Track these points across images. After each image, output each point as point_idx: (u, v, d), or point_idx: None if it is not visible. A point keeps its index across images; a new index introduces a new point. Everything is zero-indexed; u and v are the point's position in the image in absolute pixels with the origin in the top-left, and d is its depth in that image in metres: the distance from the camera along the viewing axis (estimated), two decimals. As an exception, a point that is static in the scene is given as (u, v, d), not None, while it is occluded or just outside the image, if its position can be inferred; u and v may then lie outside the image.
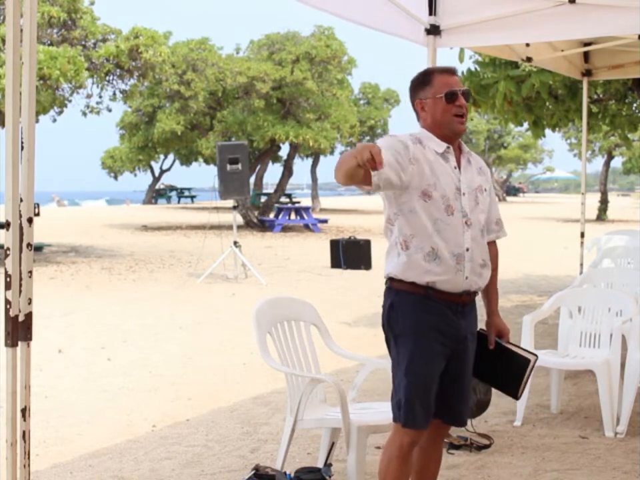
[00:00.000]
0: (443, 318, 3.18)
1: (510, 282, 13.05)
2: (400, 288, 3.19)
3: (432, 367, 3.16)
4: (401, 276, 3.17)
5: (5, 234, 2.60)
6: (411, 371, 3.13)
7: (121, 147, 34.45)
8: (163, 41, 17.34)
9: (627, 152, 32.90)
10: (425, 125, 3.28)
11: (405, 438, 3.19)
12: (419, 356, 3.14)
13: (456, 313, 3.22)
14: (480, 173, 3.36)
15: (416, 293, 3.16)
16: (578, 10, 5.35)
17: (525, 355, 3.39)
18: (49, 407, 5.71)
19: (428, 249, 3.13)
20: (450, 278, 3.16)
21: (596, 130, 11.14)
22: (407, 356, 3.14)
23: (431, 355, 3.15)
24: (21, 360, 2.60)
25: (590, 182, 42.03)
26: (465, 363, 3.28)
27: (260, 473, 4.12)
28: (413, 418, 3.15)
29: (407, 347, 3.15)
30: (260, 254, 17.37)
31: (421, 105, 3.27)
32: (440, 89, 3.22)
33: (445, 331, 3.18)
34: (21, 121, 2.57)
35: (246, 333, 8.17)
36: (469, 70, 8.59)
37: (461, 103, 3.21)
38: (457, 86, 3.24)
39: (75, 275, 13.80)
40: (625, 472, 4.41)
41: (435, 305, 3.17)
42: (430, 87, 3.24)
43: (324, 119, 24.52)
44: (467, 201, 3.22)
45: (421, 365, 3.14)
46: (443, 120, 3.21)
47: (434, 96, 3.22)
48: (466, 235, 3.19)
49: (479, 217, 3.26)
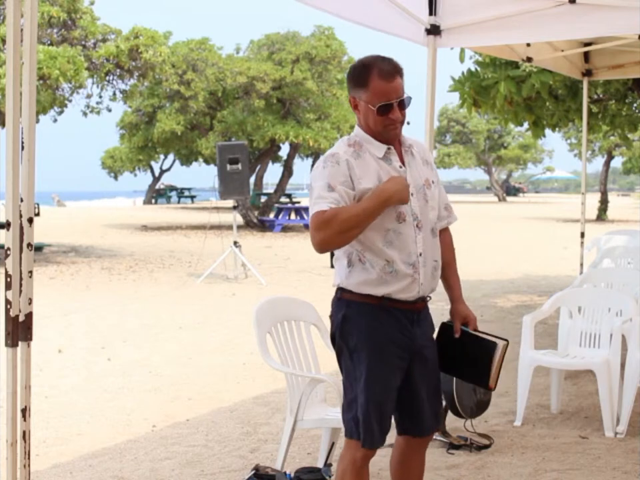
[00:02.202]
0: (398, 328, 3.05)
1: (510, 282, 13.06)
2: (352, 299, 3.05)
3: (389, 383, 3.05)
4: (354, 289, 3.04)
5: (5, 234, 2.60)
6: (368, 389, 3.00)
7: (121, 147, 34.44)
8: (163, 41, 17.35)
9: (626, 152, 32.89)
10: (359, 124, 3.10)
11: (358, 453, 3.08)
12: (376, 373, 3.01)
13: (412, 322, 3.09)
14: (425, 163, 3.19)
15: (370, 304, 3.02)
16: (578, 10, 5.35)
17: (493, 339, 3.20)
18: (49, 407, 5.71)
19: (382, 263, 2.99)
20: (406, 287, 3.02)
21: (596, 130, 11.14)
22: (364, 373, 3.01)
23: (388, 371, 3.04)
24: (21, 360, 2.60)
25: (590, 182, 42.05)
26: (424, 372, 3.15)
27: (260, 473, 4.12)
28: (370, 437, 3.04)
29: (362, 362, 3.02)
30: (260, 254, 17.37)
31: (355, 103, 3.07)
32: (373, 98, 2.98)
33: (400, 342, 3.05)
34: (21, 121, 2.57)
35: (246, 333, 8.17)
36: (469, 70, 8.59)
37: (395, 115, 2.99)
38: (395, 94, 2.98)
39: (75, 275, 13.80)
40: (625, 472, 4.41)
41: (389, 315, 3.04)
42: (364, 90, 3.00)
43: (324, 119, 24.51)
44: (415, 201, 3.06)
45: (378, 382, 3.01)
46: (375, 129, 3.03)
47: (367, 102, 3.00)
48: (418, 239, 3.05)
49: (429, 215, 3.11)
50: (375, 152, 3.05)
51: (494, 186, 57.21)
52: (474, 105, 8.70)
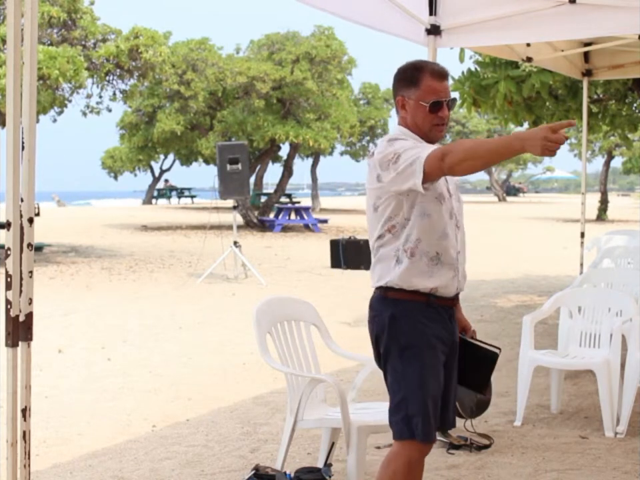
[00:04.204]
0: (442, 325, 3.11)
1: (510, 282, 13.06)
2: (399, 297, 3.06)
3: (440, 379, 3.10)
4: (403, 285, 3.04)
5: (5, 234, 2.59)
6: (424, 385, 3.03)
7: (121, 147, 34.48)
8: (163, 41, 17.34)
9: (627, 152, 32.89)
10: (403, 123, 3.14)
11: (415, 453, 3.07)
12: (430, 369, 3.05)
13: (450, 318, 3.16)
14: None
15: (418, 301, 3.06)
16: (578, 10, 5.36)
17: (491, 349, 3.29)
18: (49, 407, 5.71)
19: (433, 254, 3.04)
20: (449, 282, 3.09)
21: (596, 130, 11.14)
22: (418, 370, 3.03)
23: (439, 367, 3.09)
24: (22, 360, 2.60)
25: (590, 182, 42.03)
26: (454, 368, 3.22)
27: (260, 473, 4.13)
28: (429, 432, 3.04)
29: (416, 360, 3.04)
30: (260, 254, 17.37)
31: (402, 103, 3.11)
32: (425, 96, 3.05)
33: (444, 338, 3.11)
34: (22, 121, 2.57)
35: (246, 333, 8.17)
36: (469, 70, 8.59)
37: (444, 113, 3.07)
38: (445, 94, 3.07)
39: (74, 275, 13.80)
40: (625, 472, 4.41)
41: (435, 312, 3.09)
42: (416, 88, 3.06)
43: (324, 119, 24.52)
44: (454, 202, 3.15)
45: (432, 378, 3.05)
46: (423, 127, 3.08)
47: (417, 100, 3.06)
48: (458, 237, 3.14)
49: (462, 217, 3.21)
50: None
51: (494, 186, 57.20)
52: (474, 105, 8.70)
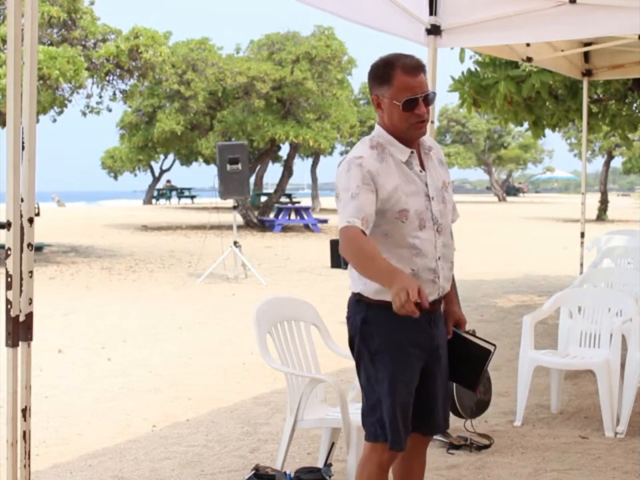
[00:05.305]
0: (419, 330, 3.03)
1: (510, 282, 13.06)
2: (372, 302, 3.00)
3: (412, 385, 3.05)
4: (374, 297, 2.98)
5: (5, 234, 2.60)
6: (393, 391, 2.99)
7: (121, 147, 34.48)
8: (163, 41, 17.35)
9: (627, 152, 32.90)
10: (382, 123, 3.02)
11: (385, 455, 3.06)
12: (399, 375, 2.99)
13: (429, 322, 3.08)
14: (440, 164, 3.13)
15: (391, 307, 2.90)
16: (578, 10, 5.36)
17: (484, 345, 3.23)
18: (49, 407, 5.71)
19: (408, 271, 2.93)
20: (429, 291, 2.95)
21: (596, 130, 11.14)
22: (387, 375, 2.99)
23: (410, 372, 3.03)
24: (22, 360, 2.60)
25: (590, 182, 42.01)
26: (438, 373, 3.15)
27: (260, 473, 4.12)
28: (398, 439, 3.03)
29: (385, 365, 2.99)
30: (260, 254, 17.37)
31: (377, 101, 2.98)
32: (398, 94, 2.90)
33: (420, 343, 3.05)
34: (22, 121, 2.57)
35: (246, 333, 8.17)
36: (469, 70, 8.59)
37: (420, 110, 2.92)
38: (420, 89, 2.91)
39: (74, 275, 13.80)
40: (625, 472, 4.41)
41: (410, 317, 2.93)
42: (388, 86, 2.92)
43: (324, 119, 24.52)
44: (436, 205, 3.03)
45: (402, 384, 3.00)
46: (400, 126, 2.95)
47: (391, 99, 2.92)
48: (437, 243, 3.03)
49: (447, 218, 3.09)
50: (399, 156, 2.99)
51: (494, 186, 57.23)
52: (474, 105, 8.70)
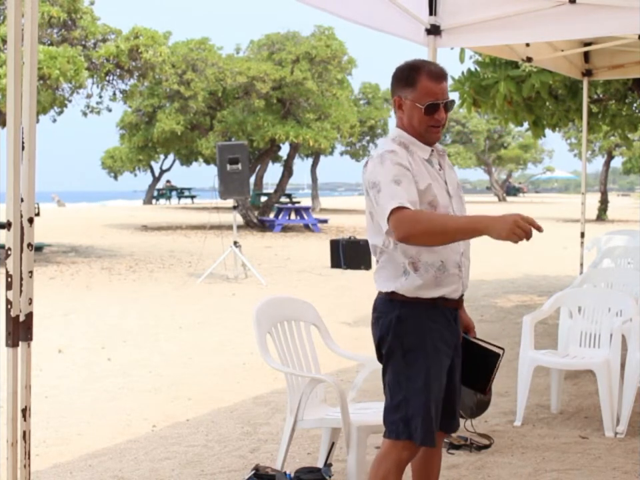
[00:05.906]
0: (446, 326, 3.09)
1: (510, 282, 13.06)
2: (407, 299, 3.04)
3: (443, 383, 3.09)
4: (410, 294, 3.03)
5: (5, 234, 2.60)
6: (427, 388, 3.01)
7: (121, 147, 34.48)
8: (163, 41, 17.35)
9: (627, 152, 32.90)
10: (401, 124, 3.11)
11: (405, 453, 3.07)
12: (434, 371, 3.03)
13: (455, 319, 3.15)
14: (451, 167, 3.22)
15: (425, 303, 3.03)
16: (578, 10, 5.36)
17: (493, 349, 3.28)
18: (49, 407, 5.71)
19: (438, 264, 3.01)
20: (455, 287, 3.08)
21: (596, 130, 11.14)
22: (422, 372, 3.01)
23: (442, 370, 3.07)
24: (22, 360, 2.60)
25: (590, 182, 42.03)
26: (458, 370, 3.21)
27: (260, 473, 4.12)
28: (431, 436, 3.04)
29: (419, 362, 3.02)
30: (260, 254, 17.37)
31: (399, 103, 3.08)
32: (422, 98, 3.01)
33: (448, 341, 3.10)
34: (22, 121, 2.57)
35: (246, 333, 8.17)
36: (469, 70, 8.59)
37: (440, 116, 3.03)
38: (442, 95, 3.03)
39: (75, 275, 13.80)
40: (625, 472, 4.41)
41: (441, 314, 3.07)
42: (412, 89, 3.03)
43: (324, 119, 24.52)
44: (455, 203, 3.12)
45: (435, 382, 3.04)
46: (419, 128, 3.05)
47: (413, 102, 3.03)
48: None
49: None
50: (421, 154, 3.06)
51: (494, 186, 57.20)
52: (474, 105, 8.70)
